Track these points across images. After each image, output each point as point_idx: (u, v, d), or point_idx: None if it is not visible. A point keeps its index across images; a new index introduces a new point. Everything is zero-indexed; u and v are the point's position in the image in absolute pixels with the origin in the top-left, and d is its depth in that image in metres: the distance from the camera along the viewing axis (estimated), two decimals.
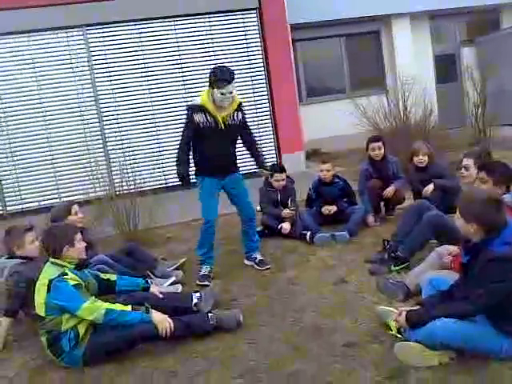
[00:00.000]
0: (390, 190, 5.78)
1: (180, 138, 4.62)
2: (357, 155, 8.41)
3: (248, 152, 4.94)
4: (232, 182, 4.75)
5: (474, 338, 2.80)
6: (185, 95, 9.17)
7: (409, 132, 7.80)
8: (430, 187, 5.27)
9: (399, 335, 3.12)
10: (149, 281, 3.98)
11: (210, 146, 4.53)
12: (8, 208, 8.54)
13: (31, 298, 3.51)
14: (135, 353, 3.41)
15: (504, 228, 2.85)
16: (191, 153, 4.65)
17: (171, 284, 4.46)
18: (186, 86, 9.22)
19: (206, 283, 4.48)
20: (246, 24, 9.48)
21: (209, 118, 4.47)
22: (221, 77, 4.35)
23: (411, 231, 4.38)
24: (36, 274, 3.76)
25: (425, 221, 4.27)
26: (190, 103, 4.67)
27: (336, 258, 4.85)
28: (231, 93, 4.41)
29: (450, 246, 3.85)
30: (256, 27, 9.51)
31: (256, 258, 4.92)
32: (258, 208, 6.06)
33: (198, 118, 4.47)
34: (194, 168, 4.67)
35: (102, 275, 3.72)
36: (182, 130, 4.66)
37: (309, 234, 5.40)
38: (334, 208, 5.78)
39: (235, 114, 4.59)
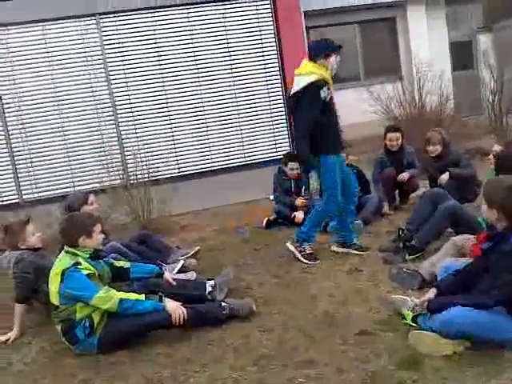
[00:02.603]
0: (404, 175, 5.74)
1: (303, 121, 4.34)
2: (371, 143, 8.35)
3: None
4: (340, 162, 4.56)
5: (490, 326, 2.78)
6: (199, 83, 9.16)
7: (424, 120, 7.72)
8: (445, 176, 5.22)
9: (413, 324, 3.10)
10: (162, 267, 4.00)
11: (333, 119, 4.43)
12: (24, 196, 8.62)
13: (41, 285, 3.56)
14: (149, 340, 3.44)
15: None
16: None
17: (181, 269, 4.48)
18: (199, 74, 9.19)
19: (317, 262, 4.49)
20: (259, 11, 9.41)
21: (328, 89, 4.34)
22: (337, 44, 4.39)
23: (426, 220, 4.34)
24: (42, 261, 3.82)
25: (441, 210, 4.23)
26: (308, 81, 4.32)
27: None
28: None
29: (467, 235, 3.81)
30: (270, 14, 9.44)
31: (355, 244, 4.74)
32: (272, 197, 6.07)
33: (323, 92, 4.29)
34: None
35: (116, 263, 3.74)
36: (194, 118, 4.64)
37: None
38: None
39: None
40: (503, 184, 2.90)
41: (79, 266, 3.32)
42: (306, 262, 4.50)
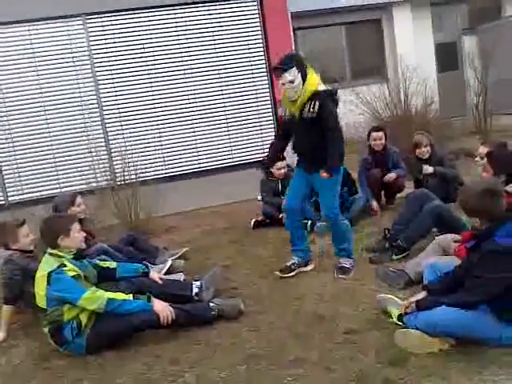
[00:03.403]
0: (391, 175, 5.80)
1: None
2: (357, 144, 8.41)
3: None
4: (316, 179, 4.20)
5: (474, 326, 2.82)
6: (186, 83, 9.15)
7: (409, 121, 7.79)
8: (430, 168, 5.30)
9: (399, 323, 3.15)
10: (149, 266, 4.01)
11: (295, 139, 4.29)
12: (10, 198, 8.55)
13: (28, 287, 3.57)
14: (137, 340, 3.45)
15: (508, 218, 2.87)
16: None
17: (169, 271, 4.49)
18: (186, 75, 9.19)
19: (280, 275, 4.24)
20: (246, 12, 9.43)
21: (287, 110, 4.19)
22: (274, 65, 4.00)
23: (412, 220, 4.40)
24: (30, 264, 3.82)
25: (426, 211, 4.29)
26: None
27: None
28: (292, 82, 3.92)
29: (450, 235, 3.87)
30: (257, 15, 9.46)
31: (339, 262, 4.32)
32: (259, 197, 6.09)
33: (282, 111, 4.26)
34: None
35: (102, 263, 3.74)
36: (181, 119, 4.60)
37: (309, 222, 5.42)
38: None
39: (310, 104, 4.00)
40: (473, 191, 2.95)
41: (64, 268, 3.33)
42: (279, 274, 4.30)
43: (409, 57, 10.38)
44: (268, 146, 4.64)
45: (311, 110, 3.99)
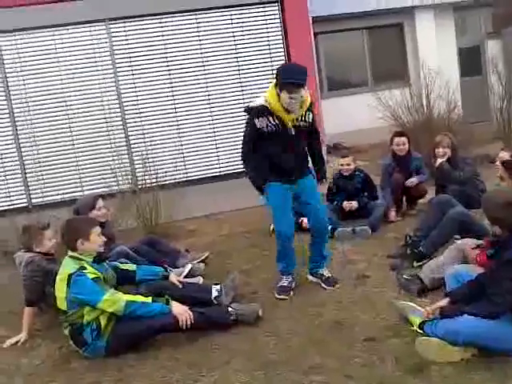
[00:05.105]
0: (412, 180, 5.73)
1: (242, 143, 4.11)
2: (379, 149, 8.35)
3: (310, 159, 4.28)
4: (301, 187, 4.12)
5: (497, 336, 2.78)
6: (206, 88, 9.19)
7: (432, 126, 7.71)
8: (442, 160, 5.20)
9: (420, 331, 3.10)
10: (168, 269, 4.02)
11: (275, 151, 3.98)
12: (33, 201, 8.68)
13: (49, 289, 3.61)
14: (156, 343, 3.46)
15: None
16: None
17: (188, 274, 4.51)
18: (206, 80, 9.23)
19: (283, 297, 4.04)
20: (267, 17, 9.43)
21: (274, 120, 3.90)
22: (291, 80, 3.77)
23: (434, 227, 4.34)
24: (51, 265, 3.86)
25: (449, 217, 4.22)
26: (250, 104, 4.07)
27: (357, 253, 4.83)
28: (302, 96, 3.84)
29: (470, 240, 3.80)
30: (278, 20, 9.46)
31: (323, 275, 4.28)
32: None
33: (261, 123, 3.91)
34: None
35: (121, 266, 3.78)
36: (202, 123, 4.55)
37: (330, 228, 5.38)
38: (355, 205, 5.71)
39: (306, 115, 3.99)
40: (499, 200, 2.95)
41: (84, 271, 3.36)
42: (277, 296, 4.09)
43: (431, 61, 10.29)
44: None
45: (306, 119, 4.00)
